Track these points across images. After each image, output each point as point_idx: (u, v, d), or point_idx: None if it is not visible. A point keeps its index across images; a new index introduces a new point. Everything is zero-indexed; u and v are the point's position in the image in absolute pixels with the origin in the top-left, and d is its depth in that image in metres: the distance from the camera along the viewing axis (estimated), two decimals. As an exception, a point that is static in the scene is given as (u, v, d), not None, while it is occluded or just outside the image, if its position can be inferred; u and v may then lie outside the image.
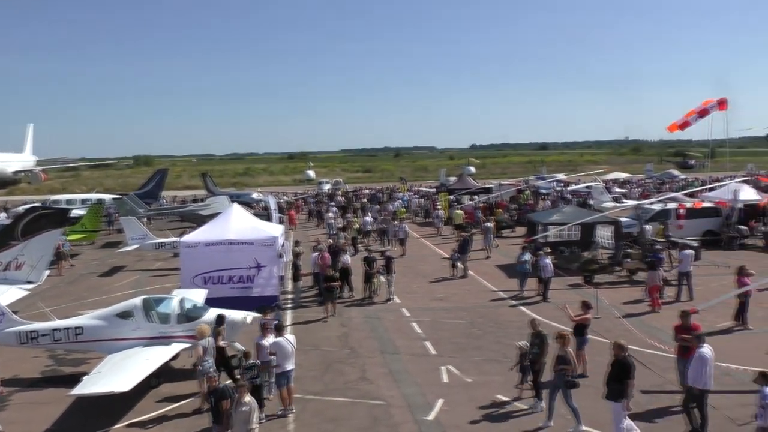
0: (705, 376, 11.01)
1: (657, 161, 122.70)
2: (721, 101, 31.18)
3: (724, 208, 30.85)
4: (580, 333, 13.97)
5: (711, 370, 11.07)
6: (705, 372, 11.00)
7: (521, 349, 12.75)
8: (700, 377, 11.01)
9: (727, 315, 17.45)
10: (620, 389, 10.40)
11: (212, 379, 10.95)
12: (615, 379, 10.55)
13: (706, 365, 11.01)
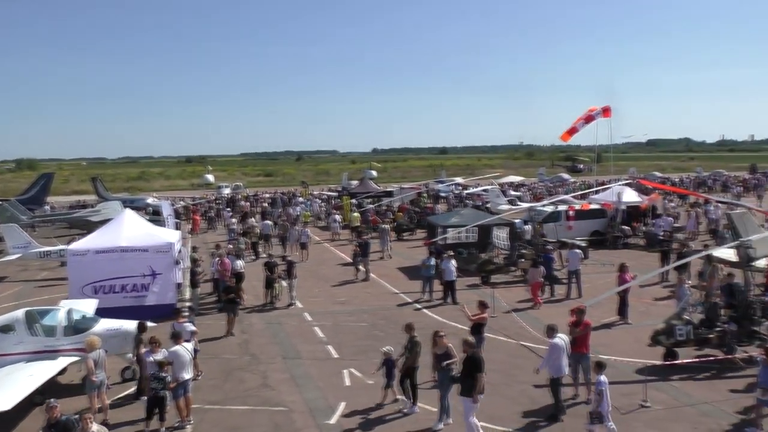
0: (561, 365, 11.87)
1: (549, 165, 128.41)
2: (605, 108, 33.13)
3: (609, 210, 32.74)
4: (477, 332, 14.36)
5: (565, 359, 11.93)
6: (559, 360, 11.85)
7: (386, 354, 12.63)
8: (560, 367, 11.86)
9: (612, 310, 18.48)
10: (472, 384, 10.68)
11: (53, 410, 9.79)
12: (467, 374, 10.82)
13: (559, 354, 11.86)
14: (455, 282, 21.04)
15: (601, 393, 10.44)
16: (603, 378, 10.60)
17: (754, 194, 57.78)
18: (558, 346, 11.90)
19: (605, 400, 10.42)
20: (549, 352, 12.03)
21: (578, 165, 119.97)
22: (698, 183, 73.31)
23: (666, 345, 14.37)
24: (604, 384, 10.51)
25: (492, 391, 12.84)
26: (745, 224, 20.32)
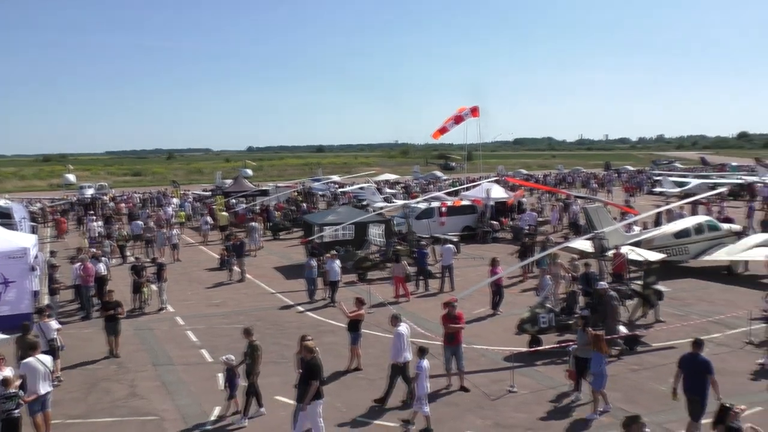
0: (402, 351, 12.34)
1: (423, 163, 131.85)
2: (474, 109, 34.47)
3: (479, 206, 34.15)
4: (354, 329, 14.48)
5: (407, 346, 12.42)
6: (402, 347, 12.34)
7: (226, 363, 12.11)
8: (399, 353, 12.34)
9: (484, 302, 19.28)
10: (306, 391, 10.37)
11: None
12: (303, 381, 10.46)
13: (402, 342, 12.37)
14: (339, 282, 20.85)
15: (417, 376, 11.06)
16: (423, 363, 11.15)
17: (605, 189, 62.34)
18: (401, 334, 12.39)
19: (422, 384, 11.00)
20: (393, 340, 12.48)
21: (451, 163, 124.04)
22: (560, 179, 78.15)
23: (531, 333, 15.20)
24: (422, 368, 11.07)
25: (368, 386, 13.04)
26: (599, 217, 21.99)
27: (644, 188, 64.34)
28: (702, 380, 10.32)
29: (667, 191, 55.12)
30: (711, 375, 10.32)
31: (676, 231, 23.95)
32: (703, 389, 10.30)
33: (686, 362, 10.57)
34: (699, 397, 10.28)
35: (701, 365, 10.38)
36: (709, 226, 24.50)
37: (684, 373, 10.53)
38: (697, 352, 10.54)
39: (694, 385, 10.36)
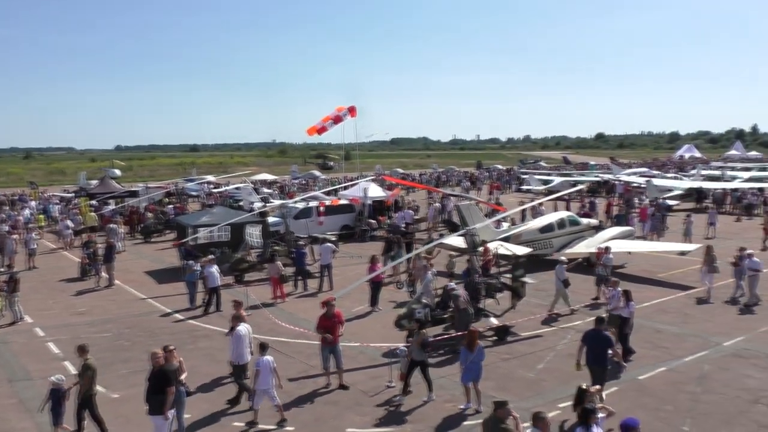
0: (242, 352, 12.34)
1: (301, 163, 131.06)
2: (351, 108, 34.71)
3: (357, 205, 34.44)
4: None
5: (247, 347, 12.43)
6: (241, 348, 12.34)
7: (54, 384, 10.81)
8: (240, 354, 12.32)
9: (363, 300, 19.47)
10: (162, 400, 10.09)
11: None
12: (155, 391, 10.13)
13: (242, 342, 12.38)
14: (220, 288, 19.89)
15: (257, 372, 11.19)
16: (264, 359, 11.30)
17: (476, 188, 64.99)
18: (240, 334, 12.37)
19: (264, 379, 11.17)
20: (233, 341, 12.40)
21: (329, 162, 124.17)
22: (435, 178, 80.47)
23: (408, 328, 15.51)
24: (261, 364, 11.22)
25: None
26: (471, 214, 22.84)
27: (512, 186, 67.63)
28: (603, 353, 11.58)
29: (534, 188, 58.32)
30: (612, 348, 11.72)
31: (541, 226, 25.38)
32: (604, 360, 11.58)
33: (589, 338, 11.79)
34: (601, 368, 11.59)
35: (603, 340, 11.66)
36: (571, 221, 26.17)
37: (587, 347, 11.73)
38: (599, 329, 11.80)
39: (597, 357, 11.59)
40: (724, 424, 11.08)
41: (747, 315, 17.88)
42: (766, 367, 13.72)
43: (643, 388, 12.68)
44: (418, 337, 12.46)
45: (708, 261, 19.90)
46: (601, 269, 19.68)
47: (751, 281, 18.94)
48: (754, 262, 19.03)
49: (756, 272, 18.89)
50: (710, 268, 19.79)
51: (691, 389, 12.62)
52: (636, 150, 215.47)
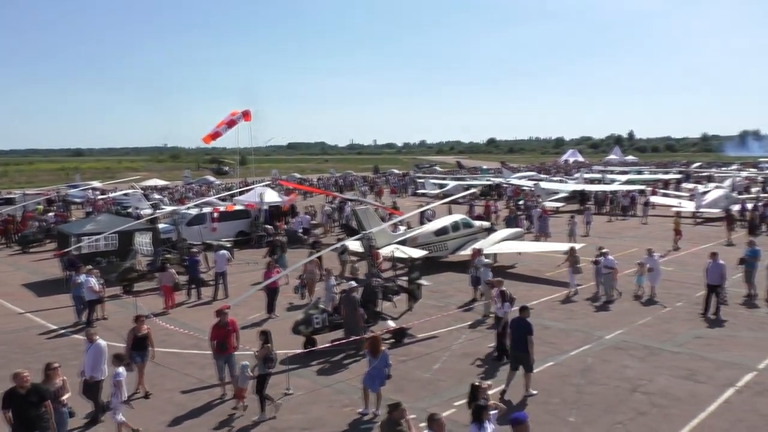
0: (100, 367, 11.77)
1: (195, 168, 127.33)
2: (246, 112, 34.05)
3: (253, 210, 33.86)
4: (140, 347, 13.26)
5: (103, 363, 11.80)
6: (100, 363, 11.76)
7: None
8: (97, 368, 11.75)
9: (259, 307, 19.12)
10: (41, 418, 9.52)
11: None
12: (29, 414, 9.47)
13: (100, 357, 11.77)
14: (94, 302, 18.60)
15: (118, 384, 10.79)
16: (120, 370, 10.99)
17: (373, 192, 65.61)
18: (99, 348, 11.80)
19: (121, 392, 10.80)
20: (89, 354, 11.73)
21: (224, 167, 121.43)
22: (332, 183, 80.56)
23: (305, 334, 15.41)
24: (121, 376, 10.90)
25: (138, 405, 12.21)
26: (368, 219, 23.02)
27: (409, 190, 68.80)
28: (523, 339, 12.42)
29: (429, 192, 59.62)
30: (531, 336, 12.42)
31: (436, 229, 25.97)
32: (524, 346, 12.41)
33: (514, 325, 12.77)
34: (523, 354, 12.42)
35: (523, 327, 12.50)
36: (464, 223, 26.94)
37: (513, 333, 12.69)
38: (523, 317, 12.69)
39: (520, 342, 12.46)
40: (606, 412, 11.74)
41: (625, 309, 19.02)
42: (643, 358, 14.66)
43: (532, 383, 13.19)
44: (262, 351, 11.90)
45: (572, 261, 20.85)
46: (474, 270, 20.10)
47: (606, 278, 19.94)
48: (609, 261, 20.02)
49: (611, 270, 19.97)
50: (574, 269, 20.75)
51: (576, 381, 13.28)
52: (525, 154, 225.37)
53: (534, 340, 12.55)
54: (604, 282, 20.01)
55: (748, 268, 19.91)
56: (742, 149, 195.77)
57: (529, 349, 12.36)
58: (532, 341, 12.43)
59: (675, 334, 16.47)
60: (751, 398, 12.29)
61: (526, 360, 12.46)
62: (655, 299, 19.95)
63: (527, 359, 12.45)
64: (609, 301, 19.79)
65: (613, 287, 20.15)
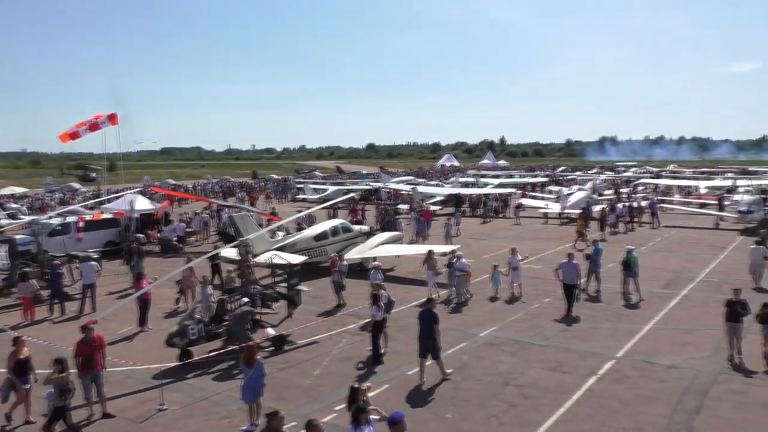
0: None
1: (58, 174, 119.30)
2: (112, 116, 32.21)
3: (123, 219, 32.16)
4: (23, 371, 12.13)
5: None
6: None
7: None
8: None
9: (131, 320, 18.18)
10: None
11: None
12: None
13: None
14: None
15: None
16: None
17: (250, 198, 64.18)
18: None
19: None
20: None
21: (90, 174, 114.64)
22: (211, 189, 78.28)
23: (180, 346, 14.81)
24: None
25: None
26: (245, 225, 22.57)
27: (289, 195, 68.20)
28: (431, 328, 13.35)
29: (309, 197, 59.43)
30: (437, 325, 13.41)
31: (315, 234, 25.89)
32: (433, 334, 13.36)
33: (423, 316, 13.57)
34: (432, 342, 13.37)
35: (431, 318, 13.44)
36: (344, 228, 27.07)
37: (421, 324, 13.49)
38: (429, 308, 13.69)
39: (428, 332, 13.38)
40: (481, 407, 12.18)
41: (498, 307, 19.86)
42: (514, 353, 15.37)
43: (411, 382, 13.47)
44: (56, 379, 11.01)
45: (430, 265, 21.08)
46: (337, 276, 20.13)
47: (459, 281, 20.41)
48: (462, 264, 20.52)
49: (463, 272, 20.46)
50: (433, 272, 21.01)
51: (453, 378, 13.68)
52: (403, 159, 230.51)
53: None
54: (457, 284, 20.42)
55: (593, 265, 21.23)
56: (602, 154, 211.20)
57: (436, 337, 13.40)
58: (438, 330, 13.45)
59: (543, 328, 17.41)
60: (611, 385, 13.21)
61: (433, 348, 13.42)
62: (519, 297, 20.97)
63: (435, 347, 13.42)
64: (460, 302, 20.24)
65: (465, 289, 20.77)
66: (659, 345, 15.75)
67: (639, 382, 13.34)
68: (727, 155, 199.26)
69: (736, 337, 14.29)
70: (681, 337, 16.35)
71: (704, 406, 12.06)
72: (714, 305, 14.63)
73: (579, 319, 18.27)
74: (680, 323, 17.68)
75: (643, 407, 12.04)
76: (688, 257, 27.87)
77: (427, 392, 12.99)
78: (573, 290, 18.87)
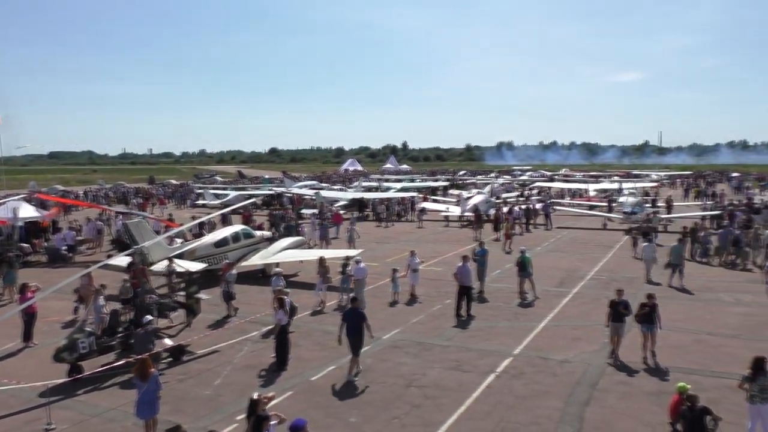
0: None
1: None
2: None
3: (5, 227, 30.09)
4: None
5: None
6: None
7: None
8: None
9: (13, 335, 17.03)
10: None
11: None
12: None
13: None
14: None
15: None
16: None
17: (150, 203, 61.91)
18: None
19: None
20: None
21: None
22: (104, 195, 74.64)
23: (70, 361, 14.01)
24: None
25: None
26: (141, 232, 21.72)
27: (188, 201, 66.16)
28: (359, 326, 13.90)
29: (209, 203, 57.90)
30: (365, 321, 13.99)
31: (216, 240, 25.24)
32: (360, 331, 13.92)
33: (348, 315, 14.10)
34: (358, 337, 13.91)
35: (358, 316, 14.01)
36: (245, 234, 26.54)
37: (347, 322, 13.96)
38: (355, 307, 14.24)
39: (354, 329, 13.89)
40: (384, 409, 12.28)
41: (401, 310, 20.10)
42: (416, 354, 15.60)
43: (315, 388, 13.40)
44: None
45: (321, 272, 20.65)
46: (225, 285, 19.54)
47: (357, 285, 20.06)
48: (359, 269, 20.38)
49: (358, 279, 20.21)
50: (324, 279, 20.54)
51: (356, 382, 13.71)
52: (307, 164, 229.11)
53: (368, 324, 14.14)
54: (356, 289, 19.97)
55: (480, 266, 21.79)
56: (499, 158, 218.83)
57: (367, 332, 14.04)
58: (369, 325, 14.07)
59: (444, 329, 17.79)
60: (509, 381, 13.68)
61: (360, 344, 14.00)
62: (417, 298, 21.35)
63: (361, 343, 14.01)
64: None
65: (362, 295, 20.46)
66: (553, 341, 16.48)
67: (535, 377, 13.90)
68: (613, 159, 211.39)
69: (618, 336, 15.07)
70: (573, 332, 17.19)
71: (594, 398, 12.73)
72: (603, 301, 15.52)
73: (478, 318, 18.80)
74: (572, 319, 18.59)
75: (538, 401, 12.54)
76: (579, 257, 29.34)
77: (330, 397, 12.95)
78: (469, 291, 19.40)
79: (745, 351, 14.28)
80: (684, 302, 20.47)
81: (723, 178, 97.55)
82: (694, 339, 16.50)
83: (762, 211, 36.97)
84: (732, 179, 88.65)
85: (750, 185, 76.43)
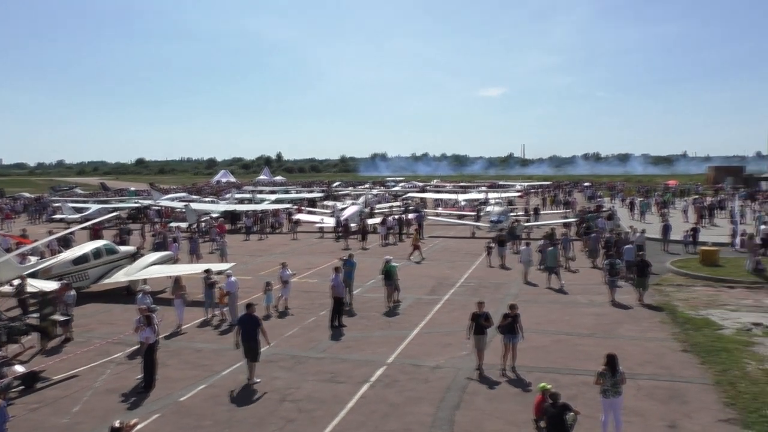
0: None
1: None
2: None
3: None
4: None
5: None
6: None
7: None
8: None
9: None
10: None
11: None
12: None
13: None
14: None
15: None
16: None
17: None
18: None
19: None
20: None
21: None
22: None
23: None
24: None
25: None
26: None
27: (44, 215, 61.63)
28: (254, 331, 14.42)
29: (68, 217, 54.24)
30: (261, 326, 14.59)
31: (75, 257, 23.64)
32: (255, 337, 14.39)
33: (244, 321, 14.61)
34: (254, 343, 14.35)
35: (253, 321, 14.51)
36: (107, 249, 25.08)
37: (243, 328, 14.50)
38: (250, 313, 14.61)
39: (250, 335, 14.37)
40: (257, 426, 12.01)
41: (275, 323, 19.75)
42: (290, 368, 15.41)
43: (184, 409, 12.87)
44: None
45: (177, 291, 19.66)
46: (63, 307, 18.09)
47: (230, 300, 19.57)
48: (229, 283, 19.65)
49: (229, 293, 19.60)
50: (183, 300, 19.47)
51: (228, 401, 13.33)
52: (177, 175, 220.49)
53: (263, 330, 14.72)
54: (230, 305, 19.55)
55: (346, 277, 21.27)
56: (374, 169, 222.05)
57: (264, 337, 14.59)
58: (264, 330, 14.65)
59: (319, 341, 17.71)
60: (383, 390, 13.84)
61: (256, 349, 14.36)
62: (289, 311, 21.19)
63: (257, 348, 14.38)
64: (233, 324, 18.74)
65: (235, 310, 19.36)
66: (425, 348, 16.88)
67: (407, 384, 14.16)
68: (481, 171, 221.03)
69: (479, 349, 15.11)
70: (444, 339, 17.70)
71: (463, 401, 13.16)
72: (472, 307, 16.05)
73: (353, 329, 18.91)
74: (443, 326, 19.15)
75: (411, 408, 12.78)
76: (449, 264, 30.35)
77: (201, 417, 12.49)
78: (341, 302, 19.52)
79: (599, 348, 15.33)
80: (544, 305, 21.71)
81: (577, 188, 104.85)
82: (554, 339, 17.54)
83: (613, 217, 41.34)
84: (586, 189, 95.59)
85: (601, 194, 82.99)
